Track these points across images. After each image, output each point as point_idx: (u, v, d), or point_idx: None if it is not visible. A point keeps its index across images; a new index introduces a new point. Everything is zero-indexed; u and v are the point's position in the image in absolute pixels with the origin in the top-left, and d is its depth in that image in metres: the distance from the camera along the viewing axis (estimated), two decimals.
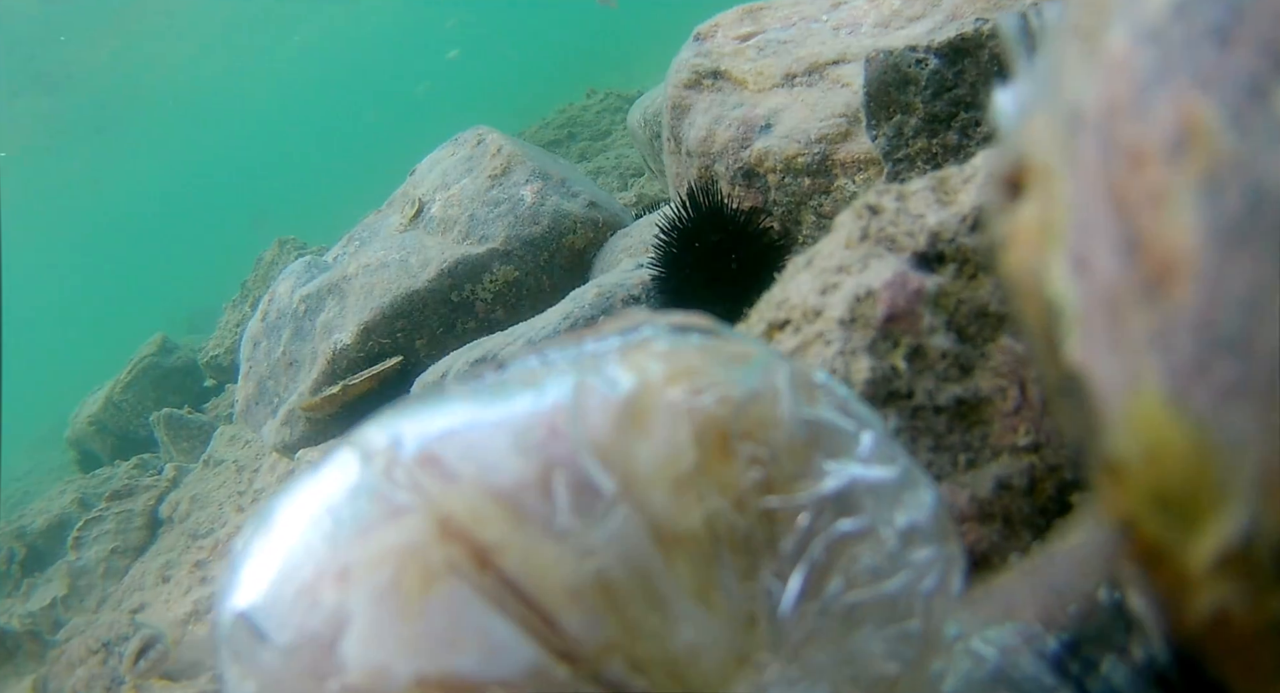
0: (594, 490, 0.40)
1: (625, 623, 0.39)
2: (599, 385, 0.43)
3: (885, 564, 0.43)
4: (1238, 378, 0.28)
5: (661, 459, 0.41)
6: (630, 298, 1.94)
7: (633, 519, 0.40)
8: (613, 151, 5.45)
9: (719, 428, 0.42)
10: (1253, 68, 0.29)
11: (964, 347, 0.74)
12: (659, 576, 0.40)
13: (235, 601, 0.42)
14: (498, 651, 0.38)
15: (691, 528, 0.40)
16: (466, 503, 0.40)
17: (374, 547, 0.40)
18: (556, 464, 0.41)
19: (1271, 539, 0.28)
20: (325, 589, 0.40)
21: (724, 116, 1.96)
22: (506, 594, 0.39)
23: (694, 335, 0.48)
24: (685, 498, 0.41)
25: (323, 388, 2.67)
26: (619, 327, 0.48)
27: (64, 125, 14.13)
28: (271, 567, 0.42)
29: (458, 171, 2.97)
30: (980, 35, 1.37)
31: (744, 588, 0.41)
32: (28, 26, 11.06)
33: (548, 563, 0.39)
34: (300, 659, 0.39)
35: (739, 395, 0.43)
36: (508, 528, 0.39)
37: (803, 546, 0.42)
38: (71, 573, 3.46)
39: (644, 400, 0.43)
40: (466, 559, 0.39)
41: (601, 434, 0.41)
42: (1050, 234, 0.36)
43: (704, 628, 0.40)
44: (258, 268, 5.84)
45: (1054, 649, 0.51)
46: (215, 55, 16.68)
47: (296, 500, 0.44)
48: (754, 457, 0.42)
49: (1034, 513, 0.71)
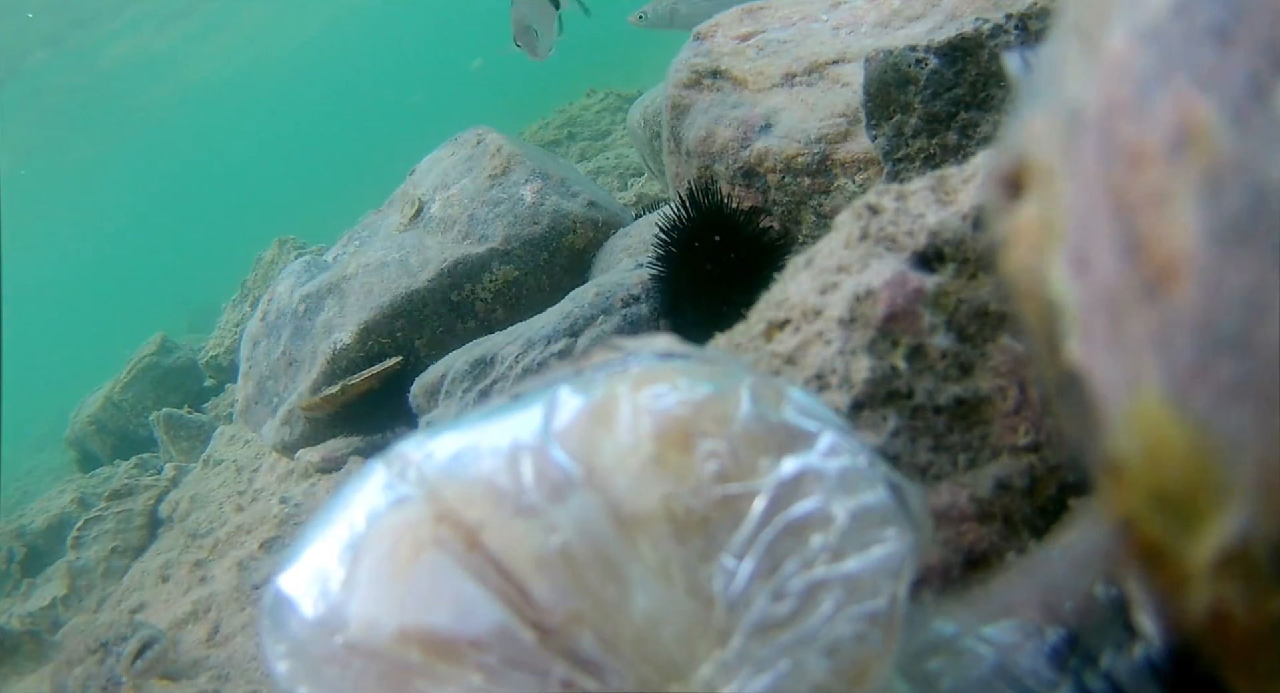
0: (559, 474, 0.46)
1: (587, 592, 0.44)
2: (573, 395, 0.49)
3: (842, 545, 0.45)
4: (1238, 378, 0.28)
5: (623, 450, 0.46)
6: (630, 298, 1.94)
7: (593, 500, 0.45)
8: (613, 151, 5.45)
9: (679, 424, 0.47)
10: (1253, 67, 0.29)
11: (964, 346, 0.74)
12: (617, 550, 0.44)
13: (279, 580, 0.49)
14: (468, 611, 0.43)
15: (649, 509, 0.45)
16: (458, 491, 0.46)
17: (380, 527, 0.47)
18: (524, 451, 0.47)
19: (1271, 539, 0.28)
20: (342, 564, 0.47)
21: (724, 116, 1.96)
22: (488, 568, 0.44)
23: (675, 360, 0.53)
24: (643, 484, 0.45)
25: (322, 388, 2.67)
26: (608, 357, 0.54)
27: (63, 124, 14.14)
28: (306, 550, 0.49)
29: (457, 171, 2.97)
30: (980, 35, 1.37)
31: (704, 568, 0.44)
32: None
33: (518, 537, 0.44)
34: (317, 621, 0.46)
35: (698, 398, 0.48)
36: (489, 508, 0.45)
37: (758, 528, 0.45)
38: (71, 573, 3.45)
39: (609, 403, 0.48)
40: (454, 537, 0.45)
41: (570, 429, 0.47)
42: (1050, 234, 0.36)
43: (663, 602, 0.44)
44: (258, 268, 5.84)
45: (1052, 645, 0.51)
46: (216, 54, 16.68)
47: (336, 500, 0.51)
48: (712, 451, 0.46)
49: (1034, 513, 0.71)
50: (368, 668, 0.44)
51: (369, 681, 0.44)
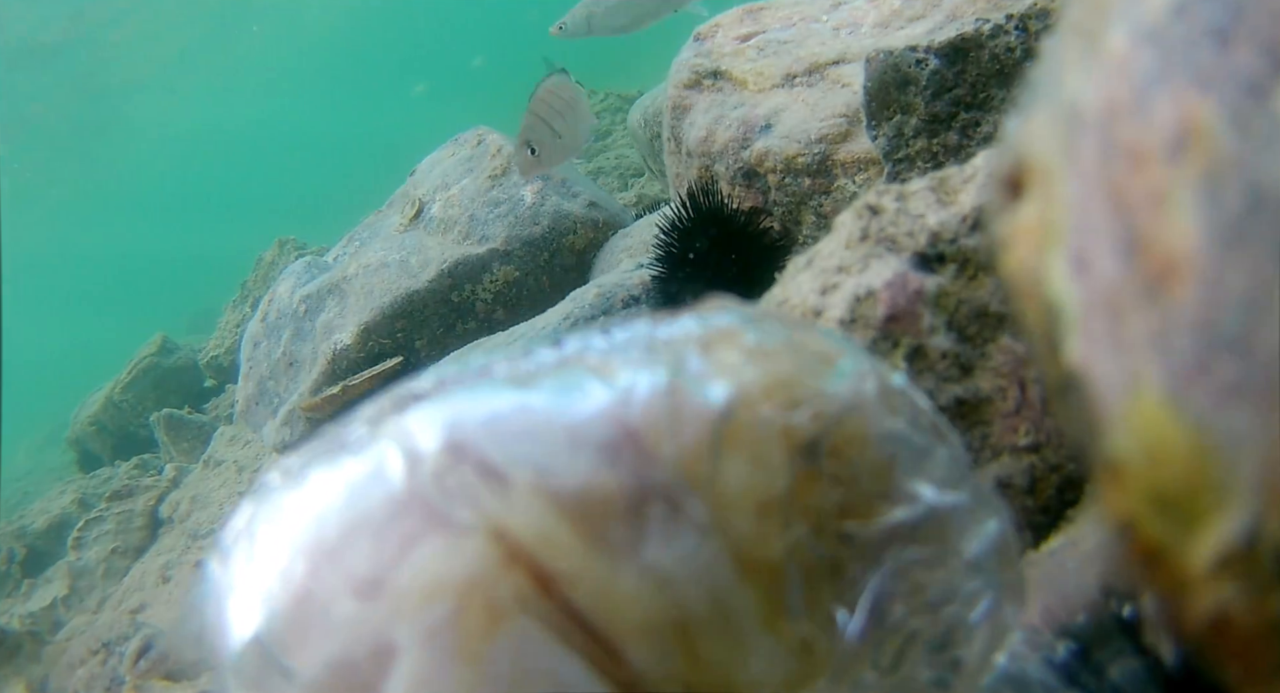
0: (686, 521, 0.36)
1: (695, 656, 0.36)
2: (688, 389, 0.38)
3: (947, 594, 0.41)
4: (1238, 378, 0.28)
5: (751, 482, 0.37)
6: (630, 298, 1.94)
7: (718, 549, 0.36)
8: (613, 151, 5.44)
9: (811, 446, 0.39)
10: (1253, 68, 0.29)
11: (964, 347, 0.74)
12: (737, 607, 0.36)
13: (244, 620, 0.36)
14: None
15: (772, 557, 0.37)
16: (533, 525, 0.35)
17: (425, 573, 0.35)
18: (648, 486, 0.36)
19: (1271, 540, 0.28)
20: (366, 620, 0.34)
21: (724, 117, 1.96)
22: (569, 624, 0.35)
23: (773, 325, 0.44)
24: (769, 524, 0.37)
25: (323, 388, 2.67)
26: (693, 310, 0.44)
27: (63, 123, 14.15)
28: (294, 581, 0.36)
29: (458, 172, 2.97)
30: (980, 35, 1.37)
31: (812, 615, 0.38)
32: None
33: (626, 596, 0.35)
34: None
35: (833, 411, 0.40)
36: (582, 556, 0.35)
37: (870, 572, 0.39)
38: (72, 573, 3.45)
39: (739, 415, 0.38)
40: (531, 588, 0.34)
41: (691, 452, 0.37)
42: (1050, 234, 0.36)
43: (772, 658, 0.37)
44: (258, 268, 5.84)
45: (1063, 656, 0.51)
46: (216, 53, 16.69)
47: (326, 506, 0.37)
48: (838, 476, 0.39)
49: (1035, 513, 0.71)
50: None
51: None
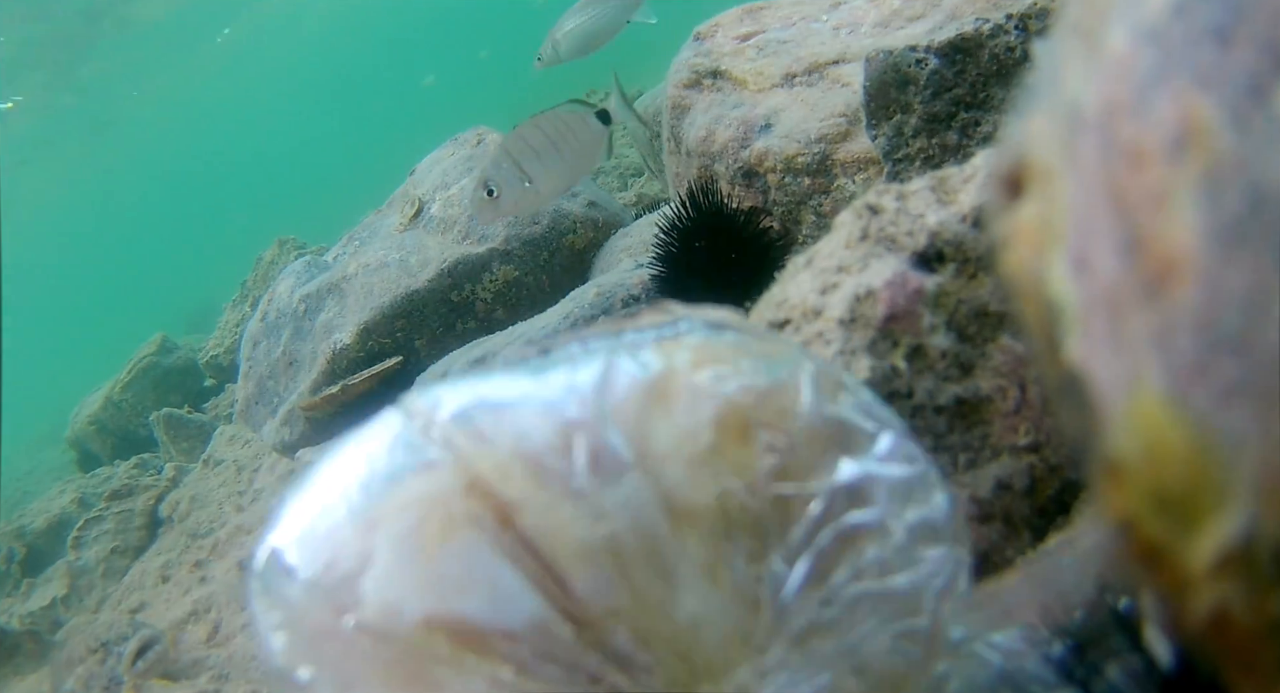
0: (613, 457, 0.42)
1: (631, 588, 0.40)
2: (629, 366, 0.45)
3: (893, 559, 0.43)
4: (1238, 378, 0.28)
5: (680, 436, 0.43)
6: (630, 298, 1.94)
7: (646, 488, 0.41)
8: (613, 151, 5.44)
9: (739, 413, 0.43)
10: (1253, 67, 0.29)
11: (964, 346, 0.74)
12: (667, 545, 0.41)
13: (271, 538, 0.44)
14: (504, 600, 0.40)
15: (703, 504, 0.42)
16: (494, 462, 0.42)
17: (403, 495, 0.42)
18: (579, 428, 0.42)
19: (1271, 540, 0.28)
20: (354, 532, 0.42)
21: (724, 116, 1.96)
22: (523, 552, 0.40)
23: (728, 332, 0.49)
24: (699, 475, 0.42)
25: (322, 388, 2.67)
26: (657, 320, 0.50)
27: (63, 122, 14.14)
28: (308, 509, 0.44)
29: (458, 171, 2.97)
30: (980, 35, 1.37)
31: (752, 570, 0.42)
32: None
33: (562, 522, 0.41)
34: (322, 594, 0.41)
35: (762, 385, 0.44)
36: (529, 487, 0.41)
37: (812, 533, 0.43)
38: (71, 573, 3.45)
39: (669, 381, 0.44)
40: (488, 514, 0.41)
41: (624, 407, 0.43)
42: (1050, 234, 0.36)
43: (708, 603, 0.41)
44: (258, 268, 5.84)
45: (1059, 653, 0.51)
46: (216, 52, 16.68)
47: (340, 452, 0.45)
48: (771, 445, 0.43)
49: (1034, 513, 0.71)
50: (378, 652, 0.40)
51: (378, 665, 0.40)
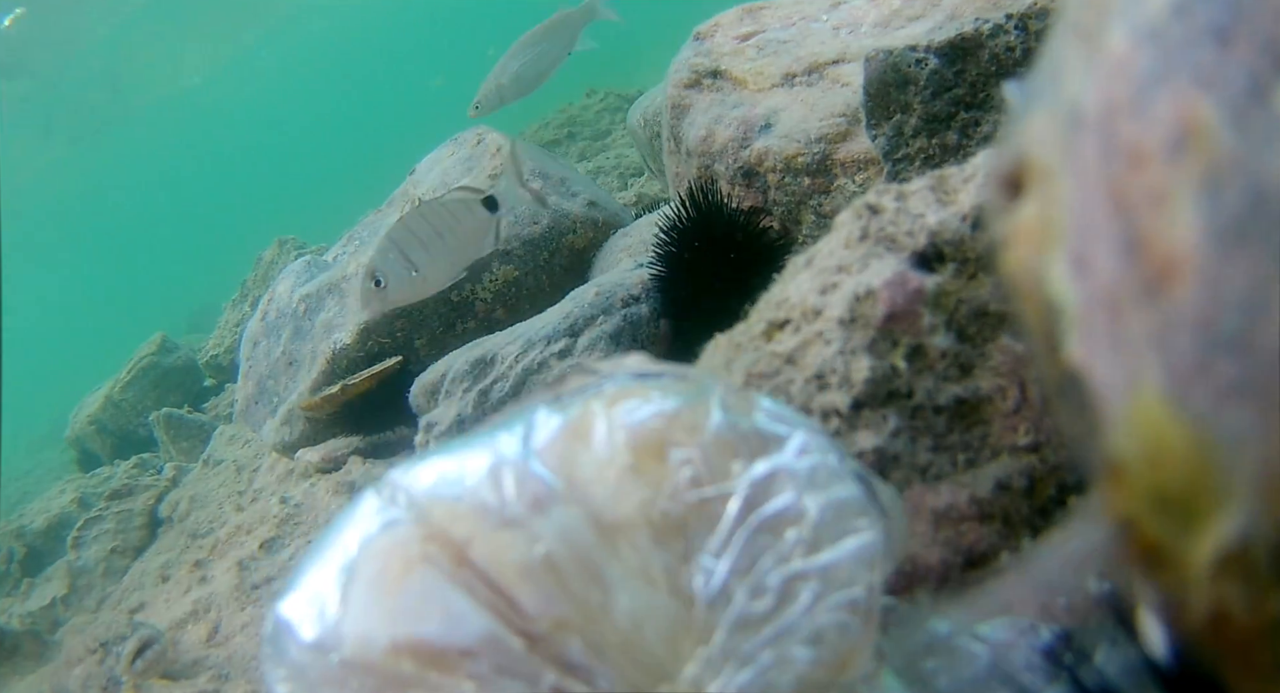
0: (543, 487, 0.48)
1: (572, 598, 0.45)
2: (550, 416, 0.51)
3: (815, 537, 0.47)
4: (1238, 378, 0.28)
5: (600, 462, 0.48)
6: (630, 298, 1.94)
7: (574, 510, 0.47)
8: (613, 151, 5.44)
9: (652, 435, 0.49)
10: (1253, 67, 0.29)
11: (964, 346, 0.74)
12: (598, 555, 0.46)
13: (279, 607, 0.51)
14: (457, 621, 0.45)
15: (628, 515, 0.47)
16: (446, 510, 0.48)
17: (372, 550, 0.49)
18: (505, 466, 0.49)
19: (1271, 539, 0.28)
20: (337, 588, 0.49)
21: (724, 116, 1.96)
22: (476, 581, 0.46)
23: (649, 379, 0.55)
24: (621, 492, 0.47)
25: (322, 388, 2.67)
26: (584, 381, 0.56)
27: (64, 122, 14.14)
28: (303, 579, 0.51)
29: (458, 171, 2.96)
30: (980, 35, 1.37)
31: (684, 569, 0.46)
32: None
33: (503, 548, 0.46)
34: (315, 645, 0.48)
35: (670, 409, 0.50)
36: (474, 523, 0.48)
37: (734, 527, 0.47)
38: (71, 573, 3.45)
39: (585, 419, 0.51)
40: (443, 554, 0.47)
41: (548, 447, 0.50)
42: (1050, 234, 0.36)
43: (644, 600, 0.46)
44: (258, 268, 5.83)
45: (1047, 642, 0.51)
46: (215, 52, 16.67)
47: (332, 528, 0.53)
48: (685, 458, 0.48)
49: (1034, 513, 0.71)
50: (363, 684, 0.45)
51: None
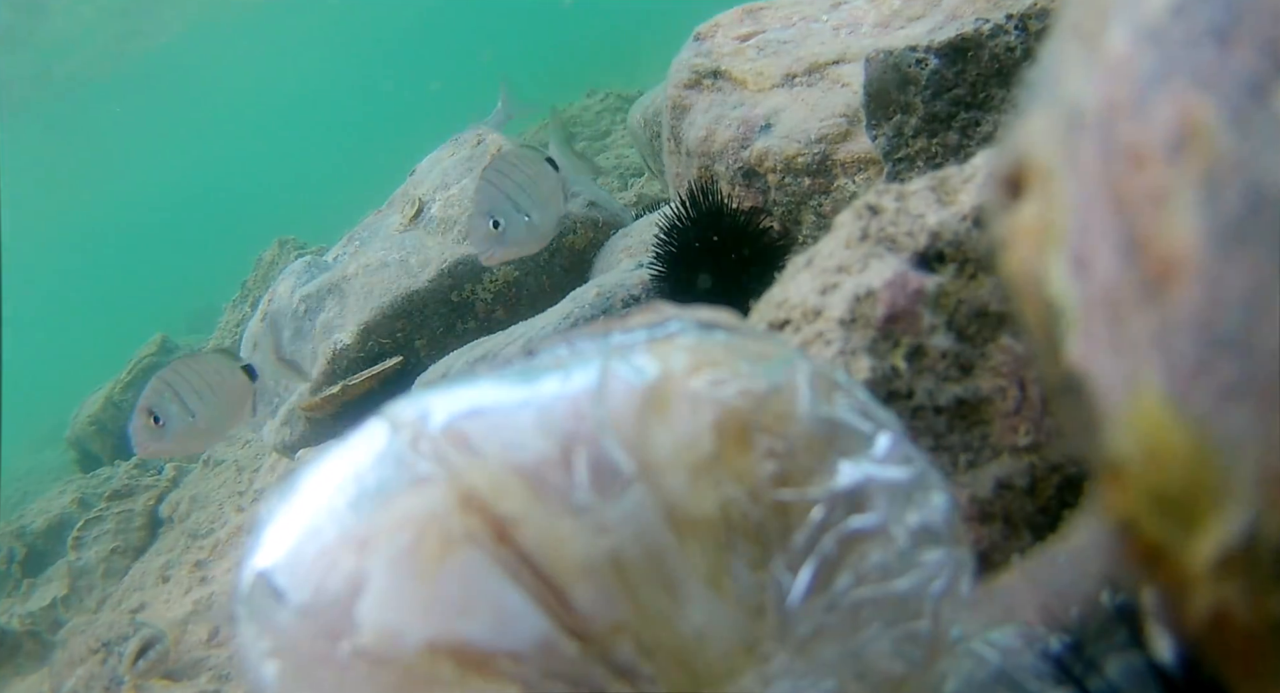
0: (613, 470, 0.41)
1: (636, 603, 0.40)
2: (624, 372, 0.44)
3: (895, 563, 0.43)
4: (1238, 378, 0.28)
5: (680, 445, 0.42)
6: (630, 298, 1.94)
7: (648, 500, 0.40)
8: (613, 151, 5.44)
9: (738, 419, 0.43)
10: (1253, 67, 0.29)
11: (964, 346, 0.74)
12: (672, 557, 0.40)
13: (255, 560, 0.43)
14: (509, 621, 0.38)
15: (706, 513, 0.41)
16: (489, 477, 0.41)
17: (395, 513, 0.41)
18: (578, 441, 0.41)
19: (1271, 540, 0.28)
20: (346, 553, 0.41)
21: (724, 116, 1.96)
22: (522, 568, 0.39)
23: (719, 332, 0.48)
24: (701, 484, 0.41)
25: (322, 388, 2.67)
26: (647, 320, 0.49)
27: (64, 122, 14.15)
28: (294, 529, 0.43)
29: (458, 171, 2.96)
30: (980, 35, 1.37)
31: (755, 577, 0.41)
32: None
33: (563, 538, 0.40)
34: (315, 619, 0.40)
35: (760, 389, 0.44)
36: (527, 502, 0.40)
37: (814, 539, 0.42)
38: (72, 573, 3.45)
39: (666, 388, 0.43)
40: (485, 530, 0.40)
41: (623, 417, 0.42)
42: (1050, 234, 0.36)
43: (713, 613, 0.40)
44: (258, 268, 5.83)
45: (1056, 650, 0.51)
46: (215, 53, 16.68)
47: (324, 467, 0.44)
48: (771, 450, 0.42)
49: (1034, 513, 0.71)
50: (376, 677, 0.39)
51: (377, 690, 0.39)
